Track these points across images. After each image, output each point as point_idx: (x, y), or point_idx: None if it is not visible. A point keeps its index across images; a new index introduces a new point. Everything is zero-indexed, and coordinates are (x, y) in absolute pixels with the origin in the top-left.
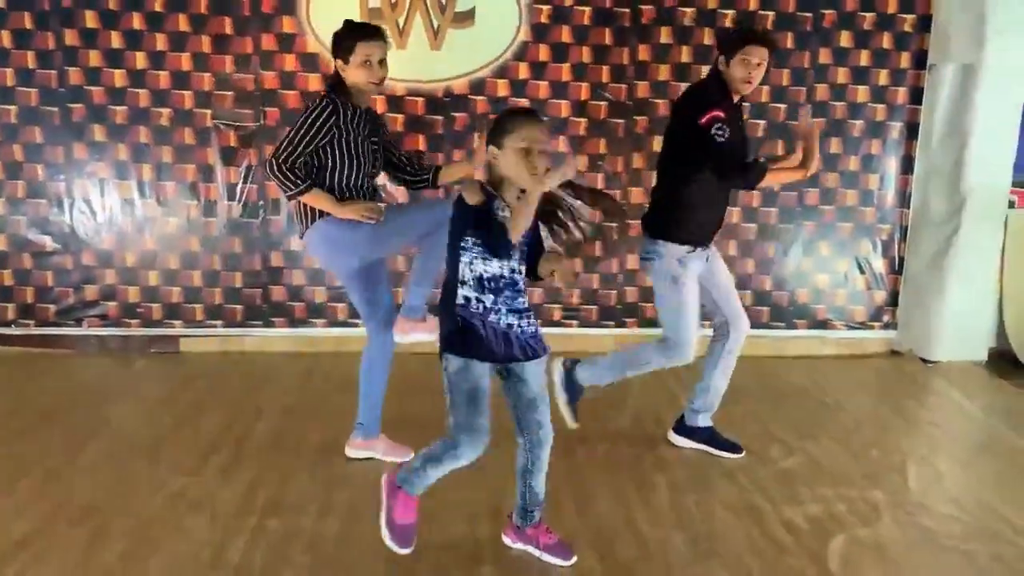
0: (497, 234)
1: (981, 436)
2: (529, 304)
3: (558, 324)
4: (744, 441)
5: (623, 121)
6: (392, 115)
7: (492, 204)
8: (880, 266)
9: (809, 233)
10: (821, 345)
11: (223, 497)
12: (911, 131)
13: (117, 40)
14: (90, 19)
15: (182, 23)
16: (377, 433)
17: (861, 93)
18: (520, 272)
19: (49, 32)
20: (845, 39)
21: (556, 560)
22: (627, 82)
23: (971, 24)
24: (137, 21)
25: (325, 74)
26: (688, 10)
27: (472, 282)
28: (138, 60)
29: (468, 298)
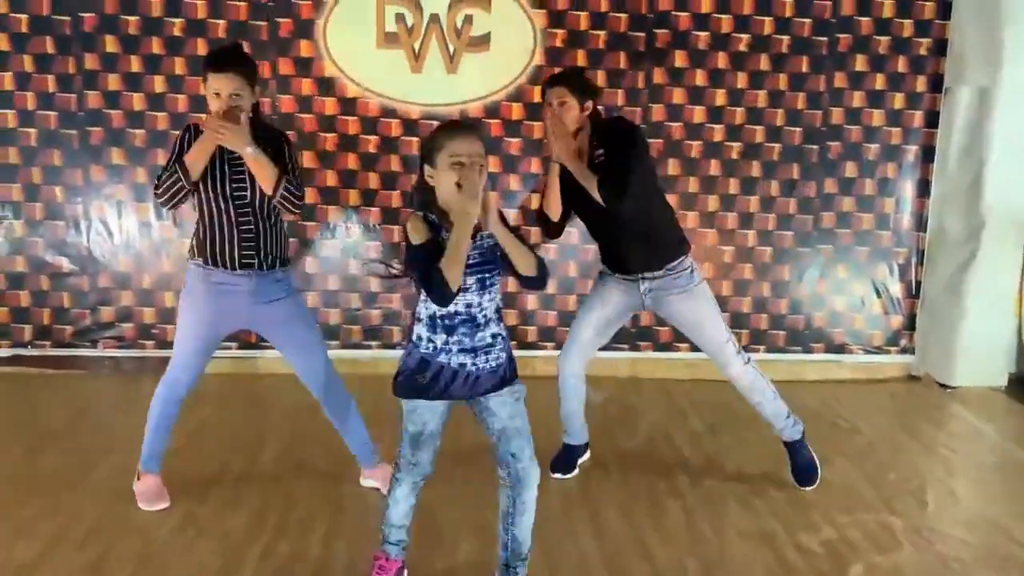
0: (432, 280)
1: (998, 460)
2: (496, 336)
3: None
4: (758, 465)
5: None
6: (407, 138)
7: (439, 238)
8: (897, 290)
9: (825, 257)
10: (838, 369)
11: (232, 522)
12: (927, 154)
13: (136, 64)
14: (110, 44)
15: (200, 47)
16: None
17: (876, 117)
18: (482, 306)
19: (70, 56)
20: (860, 63)
21: None
22: (641, 105)
23: (986, 47)
24: (156, 46)
25: (341, 98)
26: (703, 34)
27: (426, 319)
28: (156, 84)
29: (420, 336)
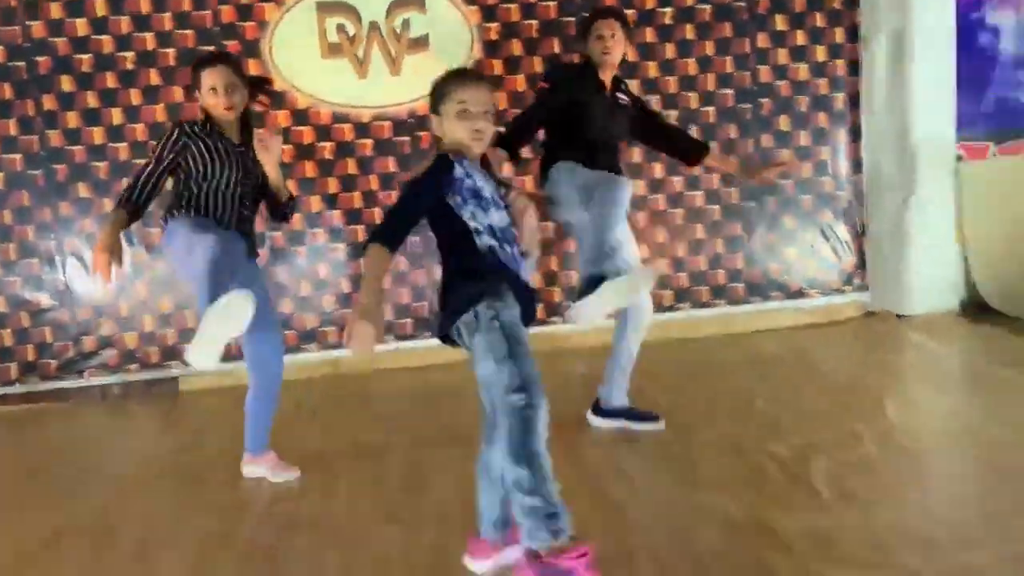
0: (372, 237)
1: (955, 372)
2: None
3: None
4: (729, 404)
5: None
6: (360, 140)
7: (447, 175)
8: (844, 232)
9: (772, 208)
10: (798, 315)
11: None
12: (854, 101)
13: (93, 100)
14: (66, 83)
15: (153, 77)
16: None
17: (803, 71)
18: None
19: (28, 100)
20: (780, 22)
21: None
22: None
23: None
24: (111, 80)
25: (293, 110)
26: (629, 12)
27: (486, 232)
28: (115, 116)
29: (491, 247)
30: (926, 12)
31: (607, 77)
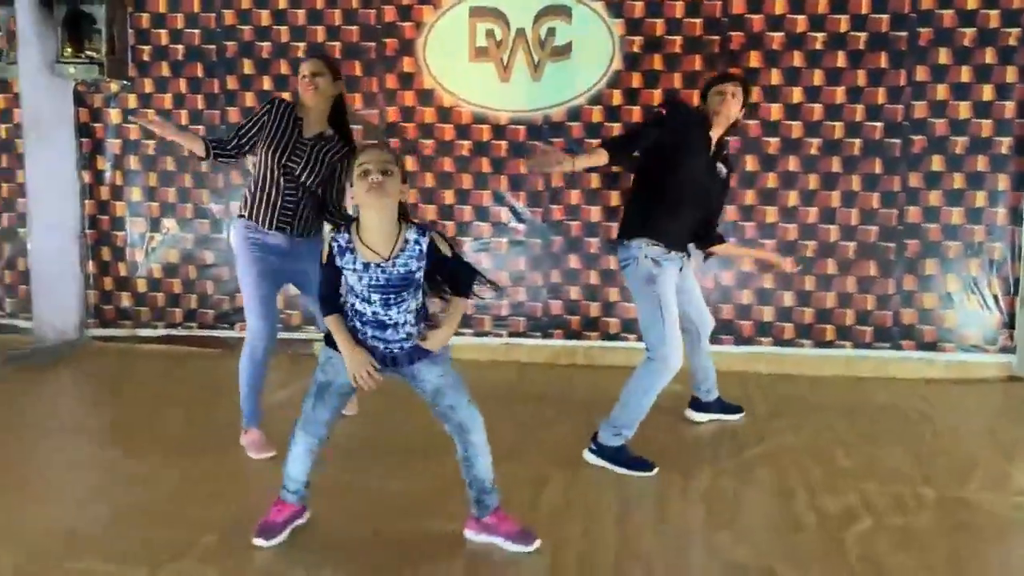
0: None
1: None
2: (411, 335)
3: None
4: (808, 447)
5: None
6: (496, 141)
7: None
8: (994, 286)
9: (913, 252)
10: (930, 368)
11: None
12: (1021, 147)
13: (268, 83)
14: (248, 66)
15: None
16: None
17: (963, 109)
18: (390, 316)
19: (215, 79)
20: (944, 56)
21: (518, 547)
22: None
23: None
24: (284, 67)
25: (439, 107)
26: (776, 35)
27: (349, 296)
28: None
29: (348, 305)
30: None
31: (716, 134)
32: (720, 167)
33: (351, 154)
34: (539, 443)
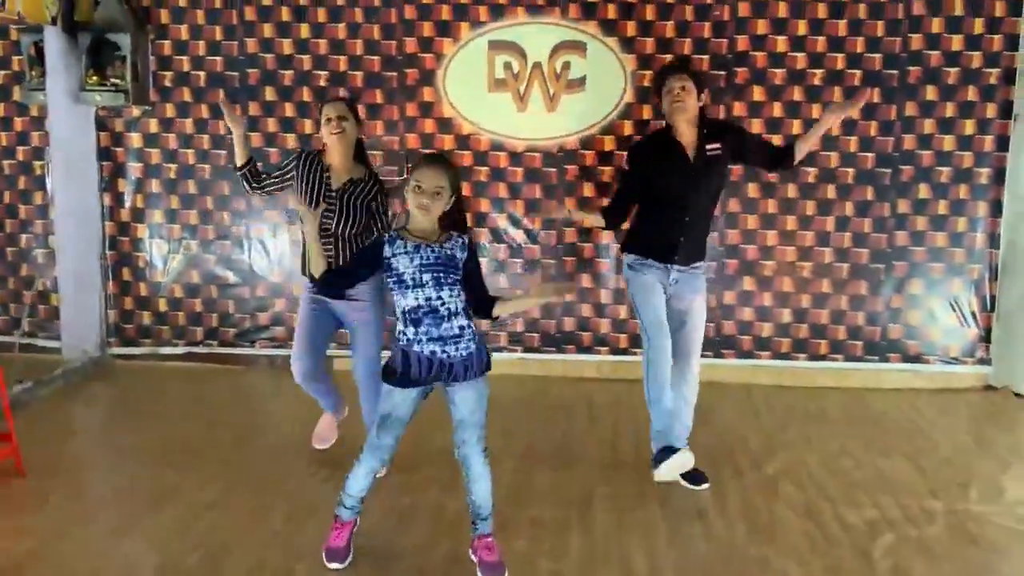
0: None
1: None
2: (464, 327)
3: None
4: (816, 457)
5: None
6: (512, 168)
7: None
8: (972, 303)
9: (900, 273)
10: (915, 379)
11: None
12: (999, 176)
13: (290, 111)
14: (269, 93)
15: (342, 95)
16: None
17: (948, 142)
18: (442, 299)
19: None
20: (931, 93)
21: None
22: None
23: None
24: (306, 94)
25: (457, 135)
26: (778, 71)
27: (399, 314)
28: (306, 126)
29: (398, 330)
30: None
31: (686, 131)
32: (712, 148)
33: (382, 191)
34: (584, 451)
